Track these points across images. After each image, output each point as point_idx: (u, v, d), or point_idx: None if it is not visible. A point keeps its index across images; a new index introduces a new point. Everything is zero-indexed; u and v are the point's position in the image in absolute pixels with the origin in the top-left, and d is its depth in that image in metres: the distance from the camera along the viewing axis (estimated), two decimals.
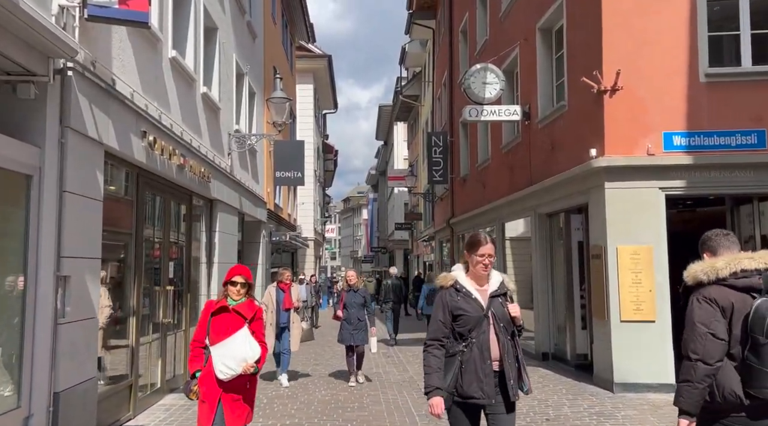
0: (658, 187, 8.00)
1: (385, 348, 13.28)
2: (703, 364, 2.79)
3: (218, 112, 10.37)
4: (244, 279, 4.41)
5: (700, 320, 2.83)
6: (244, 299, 4.41)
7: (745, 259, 2.88)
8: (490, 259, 3.50)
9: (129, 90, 6.29)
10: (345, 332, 8.90)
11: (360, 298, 8.99)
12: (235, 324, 4.31)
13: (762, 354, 2.69)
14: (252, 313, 4.40)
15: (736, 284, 2.83)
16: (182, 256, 8.92)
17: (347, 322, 8.90)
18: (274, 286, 9.00)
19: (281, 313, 8.77)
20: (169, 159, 7.44)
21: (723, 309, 2.81)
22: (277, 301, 8.76)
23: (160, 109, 7.28)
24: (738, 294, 2.82)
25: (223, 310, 4.37)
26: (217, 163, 10.05)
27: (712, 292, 2.85)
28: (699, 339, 2.81)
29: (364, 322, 8.92)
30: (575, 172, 8.73)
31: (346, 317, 8.92)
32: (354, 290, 9.05)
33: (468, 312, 3.44)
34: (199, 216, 9.82)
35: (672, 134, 7.99)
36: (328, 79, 30.05)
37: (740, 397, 2.74)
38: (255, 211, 13.63)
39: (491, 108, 10.95)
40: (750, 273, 2.83)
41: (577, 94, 8.94)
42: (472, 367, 3.39)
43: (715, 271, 2.87)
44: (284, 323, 8.83)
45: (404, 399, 7.99)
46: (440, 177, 18.24)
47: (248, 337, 4.29)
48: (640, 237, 7.96)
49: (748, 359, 2.73)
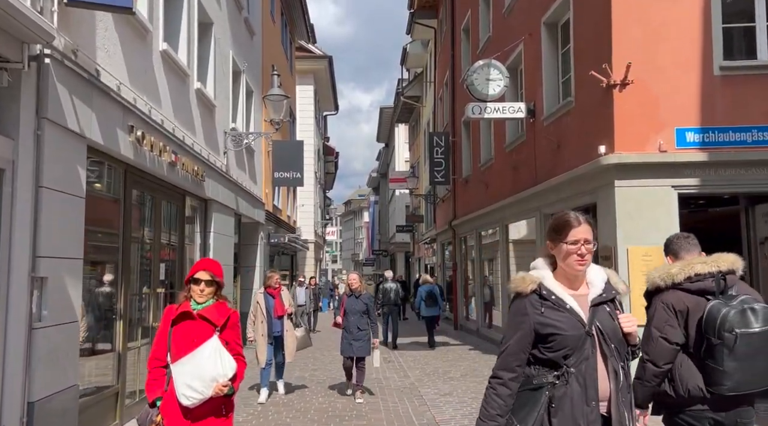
0: (670, 185, 7.66)
1: (387, 352, 12.94)
2: (652, 365, 2.95)
3: (213, 109, 10.06)
4: (210, 275, 3.51)
5: (655, 325, 2.98)
6: (212, 301, 3.52)
7: (698, 263, 2.98)
8: (588, 247, 2.39)
9: (115, 82, 5.97)
10: (345, 343, 8.03)
11: (362, 304, 8.03)
12: (201, 333, 3.41)
13: (716, 354, 2.80)
14: (223, 318, 3.50)
15: (691, 288, 2.94)
16: (175, 257, 8.59)
17: (346, 331, 8.03)
18: (261, 291, 8.11)
19: (273, 322, 7.94)
20: (159, 156, 7.11)
21: (679, 313, 2.93)
22: (267, 308, 7.92)
23: (149, 104, 6.96)
24: (692, 297, 2.94)
25: (186, 317, 3.46)
26: (212, 162, 9.73)
27: (669, 297, 2.98)
28: (651, 342, 2.96)
29: (366, 331, 7.98)
30: (583, 171, 8.39)
31: (346, 325, 8.04)
32: (356, 296, 8.09)
33: (562, 329, 2.33)
34: (193, 216, 9.50)
35: (685, 130, 7.65)
36: (329, 80, 29.77)
37: (703, 390, 2.86)
38: (252, 212, 13.30)
39: (495, 105, 10.62)
40: (703, 277, 2.94)
41: (585, 89, 8.61)
42: (568, 409, 2.29)
43: (671, 276, 2.99)
44: (278, 332, 7.98)
45: (405, 407, 7.64)
46: (442, 178, 17.91)
47: (219, 349, 3.39)
48: (652, 237, 7.59)
49: (705, 359, 2.84)
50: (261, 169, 14.83)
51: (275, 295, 8.00)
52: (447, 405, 7.70)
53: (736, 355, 2.76)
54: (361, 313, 7.98)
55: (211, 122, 10.01)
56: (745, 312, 2.80)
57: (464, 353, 12.62)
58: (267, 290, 8.06)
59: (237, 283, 12.75)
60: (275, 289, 8.03)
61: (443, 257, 21.80)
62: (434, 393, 8.45)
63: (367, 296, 8.17)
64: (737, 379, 2.77)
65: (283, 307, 8.00)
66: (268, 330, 7.89)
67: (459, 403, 7.77)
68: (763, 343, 2.79)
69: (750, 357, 2.78)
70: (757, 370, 2.79)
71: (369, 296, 8.23)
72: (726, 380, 2.78)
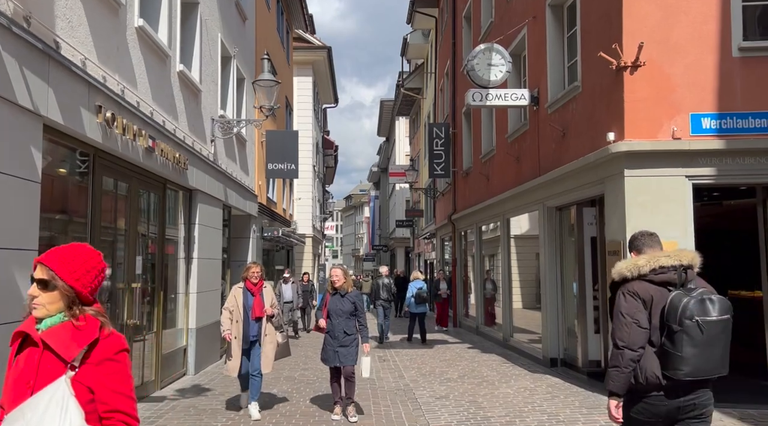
0: (684, 175, 7.13)
1: (382, 351, 12.44)
2: (628, 350, 3.08)
3: (199, 94, 9.53)
4: (46, 272, 2.00)
5: (626, 311, 3.12)
6: (62, 318, 2.00)
7: (663, 257, 3.17)
8: None
9: (79, 57, 5.45)
10: (328, 349, 6.65)
11: (348, 304, 6.62)
12: (44, 372, 1.95)
13: (675, 340, 2.96)
14: (80, 347, 1.96)
15: (655, 279, 3.12)
16: (155, 250, 8.08)
17: (330, 336, 6.64)
18: (240, 286, 6.79)
19: (250, 324, 6.64)
20: (133, 140, 6.59)
21: (644, 301, 3.11)
22: (244, 307, 6.65)
23: (122, 84, 6.43)
24: (657, 288, 3.12)
25: (29, 343, 2.02)
26: (197, 150, 9.21)
27: (635, 286, 3.15)
28: (625, 328, 3.10)
29: (354, 336, 6.66)
30: (590, 160, 7.86)
31: (330, 329, 6.63)
32: (341, 294, 6.66)
33: None
34: (176, 207, 8.99)
35: (700, 116, 7.11)
36: (328, 72, 29.18)
37: (659, 378, 3.02)
38: (244, 204, 12.79)
39: (497, 92, 10.07)
40: (667, 269, 3.13)
41: (593, 72, 8.07)
42: None
43: (638, 268, 3.16)
44: (254, 336, 6.68)
45: (398, 411, 7.13)
46: (442, 171, 17.37)
47: (63, 402, 1.88)
48: (664, 231, 6.98)
49: (665, 345, 3.00)
50: (253, 160, 14.30)
51: (255, 291, 6.72)
52: (443, 409, 7.19)
53: (695, 341, 2.95)
54: (348, 315, 6.61)
55: (197, 108, 9.48)
56: (704, 302, 3.01)
57: (463, 352, 12.11)
58: (246, 284, 6.74)
59: (227, 278, 12.25)
60: (255, 285, 6.75)
61: (443, 253, 21.28)
62: (429, 395, 7.94)
63: (355, 294, 6.74)
64: (694, 365, 2.95)
65: (262, 307, 6.70)
66: (243, 333, 6.62)
67: (455, 407, 7.27)
68: (718, 332, 3.00)
69: (707, 344, 2.98)
70: (713, 357, 2.99)
71: (357, 294, 6.78)
72: (683, 365, 2.96)
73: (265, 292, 6.78)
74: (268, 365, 6.72)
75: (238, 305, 6.67)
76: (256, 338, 6.70)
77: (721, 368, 3.07)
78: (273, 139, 15.19)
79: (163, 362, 8.14)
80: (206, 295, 9.76)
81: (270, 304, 6.79)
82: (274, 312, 6.85)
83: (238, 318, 6.62)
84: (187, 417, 6.71)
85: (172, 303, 8.87)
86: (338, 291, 6.69)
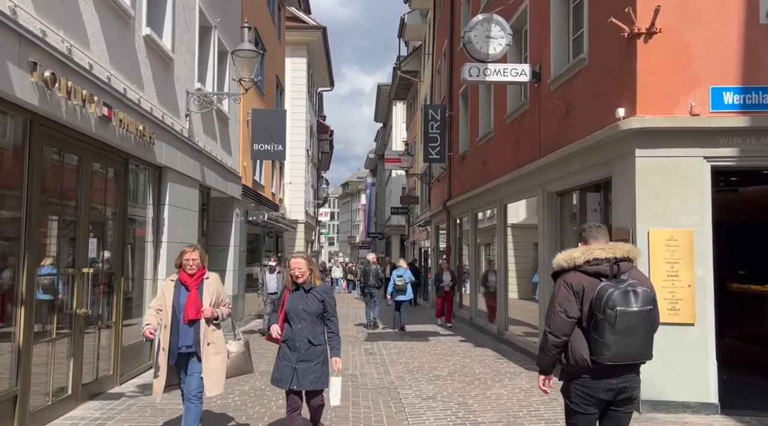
0: (702, 156, 6.38)
1: (369, 343, 11.75)
2: (553, 336, 3.34)
3: (171, 63, 8.73)
4: None
5: (557, 301, 3.35)
6: None
7: (597, 249, 3.36)
8: None
9: (8, 4, 4.66)
10: (283, 366, 4.76)
11: (314, 302, 4.79)
12: None
13: (599, 327, 3.20)
14: None
15: (588, 270, 3.32)
16: (114, 232, 7.33)
17: (288, 348, 4.78)
18: (173, 278, 5.01)
19: (181, 329, 4.81)
20: (83, 106, 5.82)
21: (576, 291, 3.31)
22: (174, 306, 4.84)
23: (68, 41, 5.64)
24: (589, 278, 3.31)
25: None
26: (167, 124, 8.42)
27: (570, 277, 3.36)
28: (553, 316, 3.34)
29: (321, 347, 4.80)
30: (596, 139, 7.10)
31: (287, 338, 4.79)
32: (305, 289, 4.82)
33: None
34: (141, 185, 8.23)
35: (722, 90, 6.35)
36: (324, 54, 28.30)
37: (587, 361, 3.25)
38: (225, 185, 12.02)
39: (496, 67, 9.29)
40: (600, 261, 3.31)
41: (602, 42, 7.29)
42: None
43: (573, 259, 3.37)
44: (189, 347, 4.82)
45: (379, 414, 6.43)
46: (437, 155, 16.59)
47: None
48: (679, 219, 6.36)
49: (592, 331, 3.23)
50: (237, 140, 13.51)
51: (191, 285, 4.88)
52: (429, 412, 6.49)
53: (616, 329, 3.15)
54: (315, 318, 4.79)
55: (168, 78, 8.68)
56: (628, 293, 3.20)
57: (454, 345, 11.42)
58: (180, 277, 4.94)
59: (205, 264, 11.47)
60: (193, 276, 4.91)
61: (437, 241, 20.56)
62: (415, 395, 7.25)
63: (325, 289, 4.90)
64: (615, 351, 3.17)
65: (198, 307, 4.83)
66: (171, 342, 4.79)
67: (443, 409, 6.57)
68: (639, 321, 3.19)
69: (627, 332, 3.17)
70: (634, 344, 3.19)
71: (327, 289, 4.95)
72: (606, 351, 3.17)
73: (205, 286, 4.95)
74: (213, 386, 4.83)
75: (166, 304, 4.89)
76: (192, 349, 4.84)
77: (644, 355, 3.30)
78: (259, 118, 14.38)
79: (124, 355, 7.43)
80: None
81: (213, 302, 4.93)
82: (219, 313, 4.95)
83: (166, 322, 4.83)
84: (141, 419, 5.99)
85: (138, 290, 8.14)
86: (301, 286, 4.83)
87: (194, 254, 4.97)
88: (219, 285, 5.10)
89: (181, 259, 4.97)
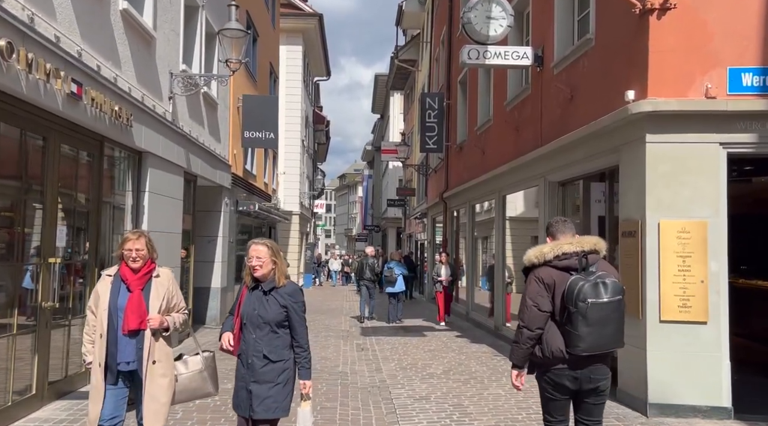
0: (718, 142, 5.92)
1: (361, 338, 11.32)
2: (527, 330, 3.49)
3: (152, 42, 8.23)
4: None
5: (529, 295, 3.50)
6: None
7: (566, 244, 3.51)
8: None
9: None
10: (238, 387, 3.68)
11: (274, 307, 3.62)
12: None
13: (573, 320, 3.32)
14: None
15: (558, 265, 3.47)
16: (87, 220, 6.86)
17: (243, 365, 3.66)
18: (111, 271, 3.92)
19: (122, 342, 3.77)
20: (47, 81, 5.34)
21: (547, 285, 3.46)
22: (110, 309, 3.77)
23: (29, 9, 5.15)
24: (560, 272, 3.46)
25: None
26: (148, 106, 7.94)
27: (541, 272, 3.50)
28: (526, 310, 3.49)
29: (282, 365, 3.62)
30: (603, 124, 6.65)
31: (241, 351, 3.68)
32: (263, 289, 3.65)
33: None
34: (119, 170, 7.75)
35: (741, 71, 5.89)
36: (320, 42, 27.76)
37: (563, 352, 3.39)
38: (213, 173, 11.54)
39: (496, 49, 8.81)
40: (569, 255, 3.47)
41: (610, 21, 6.83)
42: None
43: (543, 254, 3.52)
44: (129, 363, 3.79)
45: (368, 415, 6.00)
46: (434, 145, 16.12)
47: None
48: (692, 209, 5.91)
49: (565, 325, 3.37)
50: (227, 127, 13.02)
51: (133, 283, 3.80)
52: (421, 414, 6.07)
53: (588, 321, 3.27)
54: (274, 327, 3.61)
55: (148, 57, 8.19)
56: (598, 285, 3.31)
57: (450, 341, 11.00)
58: (120, 271, 3.85)
59: (191, 254, 11.05)
60: (138, 272, 3.83)
61: (434, 233, 20.12)
62: (408, 395, 6.82)
63: (291, 291, 3.67)
64: (589, 342, 3.29)
65: (142, 314, 3.77)
66: (108, 357, 3.75)
67: (436, 411, 6.14)
68: (610, 312, 3.31)
69: (599, 323, 3.30)
70: (606, 334, 3.32)
71: (294, 290, 3.70)
72: (580, 342, 3.30)
73: (154, 286, 3.86)
74: (154, 417, 3.79)
75: (100, 307, 3.79)
76: (134, 367, 3.79)
77: (616, 343, 3.43)
78: (250, 104, 13.88)
79: None
80: None
81: (163, 308, 3.87)
82: (170, 322, 3.89)
83: (101, 330, 3.75)
84: None
85: None
86: (260, 283, 3.67)
87: (139, 242, 3.84)
88: (172, 285, 4.01)
89: (122, 248, 3.87)
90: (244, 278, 3.78)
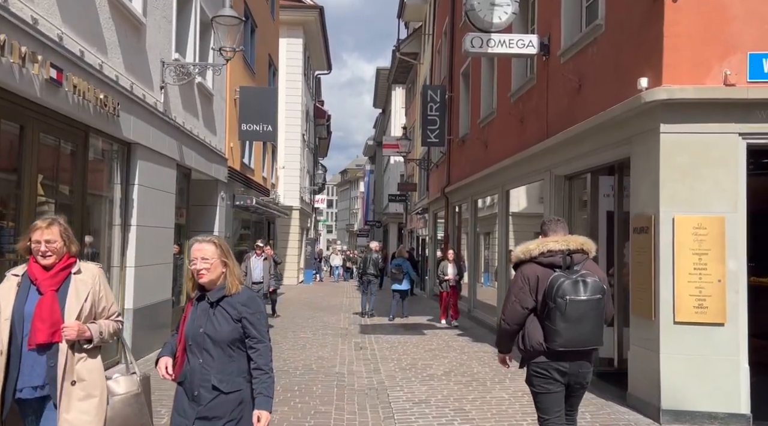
0: (737, 132, 5.58)
1: (360, 337, 11.00)
2: (505, 324, 3.66)
3: (142, 28, 7.89)
4: None
5: (513, 292, 3.61)
6: None
7: (551, 242, 3.57)
8: None
9: None
10: (176, 423, 2.80)
11: (226, 324, 2.78)
12: None
13: (552, 315, 3.43)
14: None
15: (543, 261, 3.54)
16: (73, 212, 6.53)
17: (189, 397, 2.78)
18: (19, 271, 3.05)
19: (27, 360, 2.91)
20: (22, 65, 5.01)
21: (531, 281, 3.53)
22: (13, 317, 2.91)
23: None
24: (544, 269, 3.53)
25: None
26: (137, 95, 7.61)
27: (526, 268, 3.60)
28: (509, 306, 3.62)
29: (235, 396, 2.76)
30: (613, 114, 6.30)
31: (184, 378, 2.81)
32: (210, 300, 2.81)
33: None
34: (106, 162, 7.43)
35: (762, 56, 5.55)
36: (321, 35, 27.36)
37: (542, 345, 3.50)
38: (208, 167, 11.22)
39: (500, 37, 8.46)
40: (554, 253, 3.53)
41: (620, 6, 6.48)
42: None
43: (529, 251, 3.60)
44: (36, 389, 2.92)
45: (364, 420, 5.70)
46: (436, 138, 15.77)
47: None
48: (709, 203, 5.57)
49: (545, 320, 3.47)
50: (223, 119, 12.68)
51: (45, 284, 2.96)
52: (421, 419, 5.75)
53: (566, 317, 3.38)
54: (227, 348, 2.79)
55: (138, 45, 7.85)
56: (578, 283, 3.41)
57: (451, 340, 10.67)
58: (29, 270, 3.01)
59: (184, 250, 10.73)
60: (51, 269, 2.99)
61: (435, 229, 19.78)
62: (407, 399, 6.50)
63: (245, 301, 2.82)
64: (566, 337, 3.41)
65: (56, 322, 2.92)
66: (7, 378, 2.89)
67: (436, 417, 5.82)
68: (588, 310, 3.41)
69: (577, 320, 3.40)
70: (583, 331, 3.43)
71: (249, 300, 2.84)
72: (557, 337, 3.42)
73: (73, 286, 3.02)
74: None
75: (1, 315, 2.92)
76: (43, 392, 2.94)
77: (594, 342, 3.51)
78: (248, 96, 13.54)
79: None
80: (149, 270, 8.25)
81: (84, 313, 3.02)
82: (94, 332, 3.02)
83: (1, 345, 2.88)
84: None
85: None
86: (206, 293, 2.85)
87: (49, 232, 2.97)
88: (100, 284, 3.11)
89: (29, 239, 3.01)
90: (185, 287, 2.96)
